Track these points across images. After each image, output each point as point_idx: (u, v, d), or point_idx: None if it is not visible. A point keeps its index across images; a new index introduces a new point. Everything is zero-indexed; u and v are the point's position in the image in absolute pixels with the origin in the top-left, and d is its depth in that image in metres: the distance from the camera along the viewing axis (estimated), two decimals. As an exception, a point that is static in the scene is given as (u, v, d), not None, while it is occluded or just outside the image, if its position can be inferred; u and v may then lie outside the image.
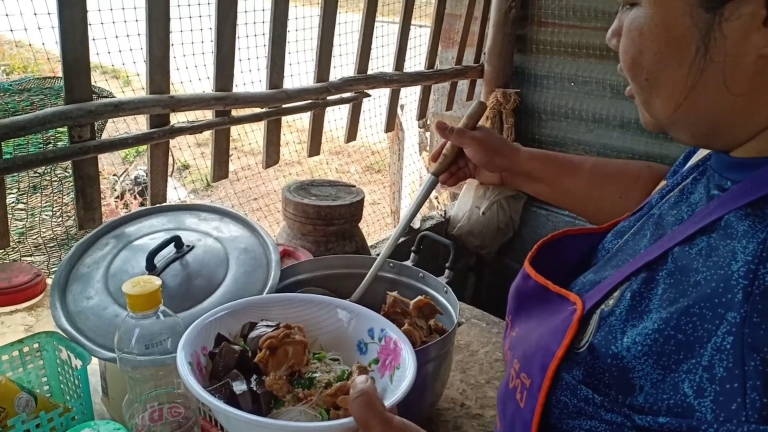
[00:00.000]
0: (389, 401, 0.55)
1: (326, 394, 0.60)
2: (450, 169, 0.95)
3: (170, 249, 0.96)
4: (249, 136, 2.79)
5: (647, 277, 0.47)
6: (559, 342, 0.50)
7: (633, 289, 0.48)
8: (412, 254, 1.37)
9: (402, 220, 0.99)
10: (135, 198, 3.75)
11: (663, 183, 0.65)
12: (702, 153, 0.61)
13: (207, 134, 1.34)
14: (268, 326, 0.66)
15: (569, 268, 0.65)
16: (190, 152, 3.82)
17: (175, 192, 4.00)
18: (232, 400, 0.59)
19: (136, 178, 3.90)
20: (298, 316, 0.70)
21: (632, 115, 1.88)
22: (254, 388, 0.61)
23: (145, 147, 1.23)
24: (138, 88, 1.22)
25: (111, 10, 1.42)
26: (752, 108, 0.45)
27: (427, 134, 2.99)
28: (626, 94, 0.55)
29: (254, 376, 0.62)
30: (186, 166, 4.46)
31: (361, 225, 1.43)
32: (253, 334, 0.66)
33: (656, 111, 0.51)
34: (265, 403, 0.60)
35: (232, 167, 1.45)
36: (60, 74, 1.06)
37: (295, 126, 3.33)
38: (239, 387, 0.60)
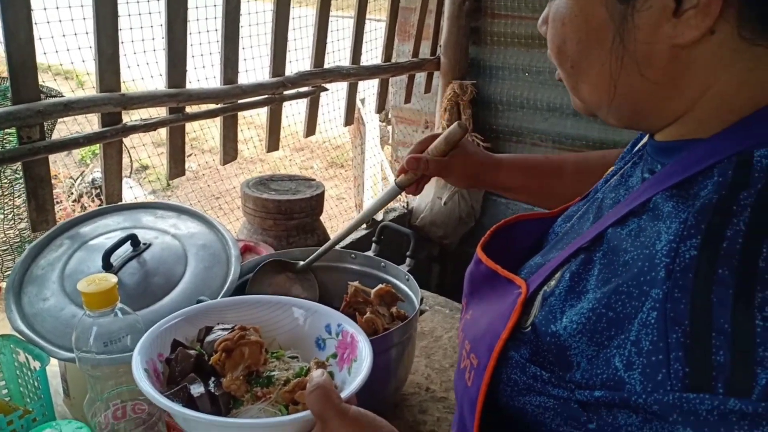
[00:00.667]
0: (346, 392, 0.56)
1: (284, 391, 0.61)
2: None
3: (127, 248, 0.95)
4: (208, 134, 2.76)
5: (585, 258, 0.49)
6: (505, 324, 0.51)
7: (572, 270, 0.49)
8: (374, 245, 1.39)
9: (357, 217, 0.99)
10: (93, 201, 3.65)
11: (611, 168, 0.67)
12: (646, 138, 0.63)
13: (165, 134, 1.32)
14: (224, 329, 0.67)
15: (523, 252, 0.67)
16: (150, 152, 3.75)
17: (134, 192, 3.91)
18: (190, 403, 0.59)
19: (93, 180, 3.79)
20: (255, 318, 0.71)
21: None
22: (212, 390, 0.61)
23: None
24: (91, 89, 1.19)
25: (57, 8, 1.39)
26: (670, 95, 0.47)
27: (389, 128, 3.01)
28: (556, 78, 0.57)
29: (212, 379, 0.63)
30: (145, 167, 4.37)
31: (326, 220, 1.44)
32: (210, 338, 0.67)
33: (584, 96, 0.53)
34: (224, 404, 0.61)
35: (192, 166, 1.43)
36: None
37: (256, 122, 3.30)
38: (197, 390, 0.60)
